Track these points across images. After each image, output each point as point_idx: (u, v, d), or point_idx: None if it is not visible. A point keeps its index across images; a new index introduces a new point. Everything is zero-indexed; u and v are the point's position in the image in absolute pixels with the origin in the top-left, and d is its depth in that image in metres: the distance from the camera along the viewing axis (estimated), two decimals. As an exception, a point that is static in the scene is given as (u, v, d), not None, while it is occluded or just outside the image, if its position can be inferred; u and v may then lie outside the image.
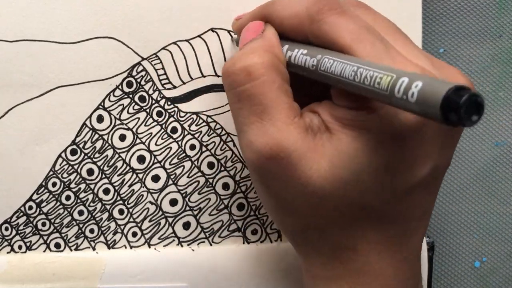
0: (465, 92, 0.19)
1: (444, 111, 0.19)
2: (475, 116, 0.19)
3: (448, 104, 0.19)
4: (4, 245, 0.34)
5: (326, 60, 0.25)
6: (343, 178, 0.25)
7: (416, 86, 0.20)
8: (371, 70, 0.23)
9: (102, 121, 0.33)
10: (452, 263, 0.39)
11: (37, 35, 0.32)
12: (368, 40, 0.25)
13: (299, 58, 0.27)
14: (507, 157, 0.40)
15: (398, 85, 0.21)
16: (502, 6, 0.39)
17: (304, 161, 0.25)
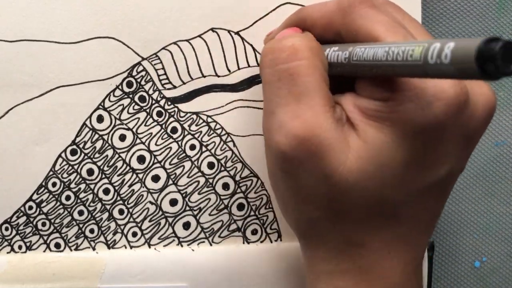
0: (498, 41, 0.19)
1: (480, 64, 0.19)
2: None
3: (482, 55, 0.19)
4: (4, 245, 0.34)
5: (358, 50, 0.25)
6: (367, 171, 0.25)
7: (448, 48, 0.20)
8: (403, 46, 0.22)
9: (102, 121, 0.33)
10: (452, 263, 0.39)
11: (37, 35, 0.32)
12: (400, 32, 0.25)
13: (331, 55, 0.27)
14: (507, 157, 0.40)
15: (430, 52, 0.21)
16: (502, 6, 0.39)
17: (332, 151, 0.25)
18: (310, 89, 0.25)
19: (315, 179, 0.25)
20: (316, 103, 0.25)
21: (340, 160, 0.25)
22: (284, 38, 0.27)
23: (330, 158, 0.25)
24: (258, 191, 0.35)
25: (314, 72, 0.26)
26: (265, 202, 0.35)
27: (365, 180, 0.25)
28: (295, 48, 0.26)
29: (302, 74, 0.26)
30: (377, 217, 0.26)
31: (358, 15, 0.26)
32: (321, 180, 0.25)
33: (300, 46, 0.26)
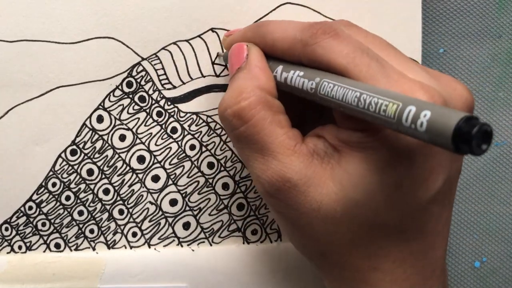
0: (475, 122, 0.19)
1: (455, 142, 0.19)
2: (484, 145, 0.20)
3: (459, 135, 0.19)
4: (4, 245, 0.34)
5: (326, 84, 0.25)
6: (354, 199, 0.25)
7: (424, 116, 0.20)
8: (375, 97, 0.23)
9: (102, 121, 0.33)
10: (452, 263, 0.39)
11: (37, 35, 0.32)
12: (363, 62, 0.25)
13: (295, 80, 0.27)
14: (507, 157, 0.40)
15: (405, 114, 0.21)
16: (502, 6, 0.39)
17: (312, 187, 0.26)
18: (266, 142, 0.26)
19: (306, 216, 0.26)
20: (278, 152, 0.26)
21: (323, 193, 0.26)
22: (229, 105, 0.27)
23: (312, 194, 0.26)
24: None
25: (263, 126, 0.27)
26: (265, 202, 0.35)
27: (354, 208, 0.25)
28: (239, 114, 0.27)
29: (254, 133, 0.27)
30: (382, 240, 0.26)
31: (319, 46, 0.26)
32: (312, 215, 0.26)
33: (243, 111, 0.27)
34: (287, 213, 0.27)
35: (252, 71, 0.28)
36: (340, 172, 0.25)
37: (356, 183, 0.25)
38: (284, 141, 0.26)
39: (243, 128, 0.27)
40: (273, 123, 0.27)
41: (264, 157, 0.27)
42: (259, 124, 0.27)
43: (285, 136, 0.27)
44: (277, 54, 0.28)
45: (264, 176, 0.26)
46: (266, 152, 0.26)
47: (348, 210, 0.25)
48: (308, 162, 0.26)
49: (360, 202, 0.25)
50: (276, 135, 0.26)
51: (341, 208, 0.25)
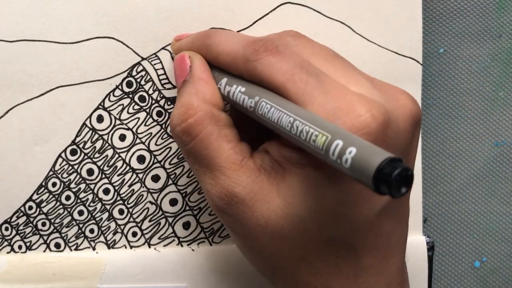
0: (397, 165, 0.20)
1: (375, 182, 0.20)
2: (404, 188, 0.20)
3: (380, 177, 0.20)
4: (4, 245, 0.34)
5: (264, 104, 0.25)
6: (299, 215, 0.25)
7: (350, 153, 0.21)
8: (307, 126, 0.23)
9: (102, 121, 0.33)
10: (452, 263, 0.39)
11: (37, 35, 0.32)
12: (301, 79, 0.25)
13: (237, 96, 0.27)
14: (507, 157, 0.40)
15: (332, 148, 0.21)
16: (502, 6, 0.39)
17: (259, 202, 0.26)
18: (213, 157, 0.27)
19: (254, 231, 0.26)
20: (225, 167, 0.26)
21: (270, 209, 0.26)
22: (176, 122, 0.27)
23: (259, 210, 0.26)
24: (258, 191, 0.35)
25: (209, 142, 0.27)
26: (265, 202, 0.35)
27: (300, 224, 0.25)
28: (186, 131, 0.27)
29: (201, 149, 0.27)
30: (332, 256, 0.26)
31: (259, 63, 0.26)
32: (260, 231, 0.26)
33: (189, 127, 0.27)
34: (236, 228, 0.27)
35: (196, 85, 0.28)
36: (285, 188, 0.25)
37: (299, 200, 0.25)
38: (230, 156, 0.27)
39: (192, 144, 0.27)
40: (220, 138, 0.27)
41: (212, 172, 0.27)
42: (206, 140, 0.27)
43: (231, 151, 0.27)
44: (221, 67, 0.28)
45: (213, 191, 0.27)
46: (213, 167, 0.27)
47: (295, 226, 0.25)
48: (255, 177, 0.26)
49: (305, 219, 0.25)
50: (222, 150, 0.27)
51: (288, 224, 0.25)
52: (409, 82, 0.35)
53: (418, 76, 0.35)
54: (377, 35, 0.35)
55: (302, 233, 0.25)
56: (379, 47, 0.35)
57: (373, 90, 0.25)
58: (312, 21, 0.34)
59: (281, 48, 0.26)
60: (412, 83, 0.35)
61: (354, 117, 0.23)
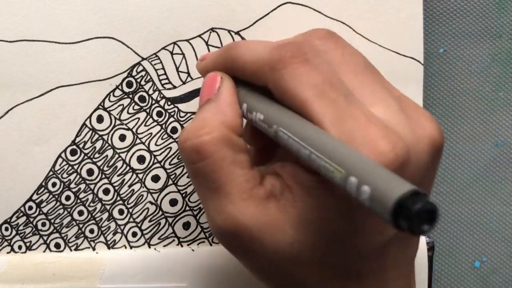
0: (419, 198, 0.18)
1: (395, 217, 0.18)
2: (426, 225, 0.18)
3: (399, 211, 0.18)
4: (4, 245, 0.34)
5: (281, 134, 0.24)
6: (309, 243, 0.24)
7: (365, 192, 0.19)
8: (323, 160, 0.22)
9: (102, 121, 0.33)
10: (452, 263, 0.39)
11: (37, 35, 0.32)
12: (329, 97, 0.23)
13: (258, 123, 0.26)
14: (507, 157, 0.40)
15: (349, 184, 0.20)
16: (502, 6, 0.39)
17: (268, 233, 0.25)
18: (222, 183, 0.25)
19: (262, 260, 0.25)
20: (233, 194, 0.25)
21: (279, 239, 0.25)
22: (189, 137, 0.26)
23: (267, 239, 0.25)
24: (258, 191, 0.35)
25: (222, 166, 0.25)
26: (265, 202, 0.35)
27: (309, 251, 0.25)
28: (198, 149, 0.25)
29: (211, 171, 0.25)
30: (336, 280, 0.26)
31: (286, 72, 0.24)
32: (268, 259, 0.25)
33: (203, 145, 0.25)
34: (243, 257, 0.26)
35: (221, 105, 0.27)
36: (295, 215, 0.24)
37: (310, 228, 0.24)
38: (241, 183, 0.25)
39: (201, 164, 0.25)
40: (233, 163, 0.25)
41: (220, 199, 0.25)
42: (218, 163, 0.25)
43: (243, 178, 0.25)
44: (247, 78, 0.27)
45: (219, 219, 0.25)
46: (221, 193, 0.25)
47: (303, 253, 0.25)
48: (263, 206, 0.25)
49: (315, 246, 0.24)
50: (234, 176, 0.25)
51: (297, 251, 0.25)
52: (410, 82, 0.35)
53: (420, 76, 0.35)
54: (378, 35, 0.35)
55: (309, 259, 0.25)
56: (380, 47, 0.35)
57: (400, 115, 0.24)
58: (313, 21, 0.34)
59: (309, 56, 0.24)
60: (413, 83, 0.35)
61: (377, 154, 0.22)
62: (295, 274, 0.26)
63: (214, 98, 0.27)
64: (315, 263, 0.25)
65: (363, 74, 0.25)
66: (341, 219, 0.24)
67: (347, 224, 0.24)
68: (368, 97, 0.24)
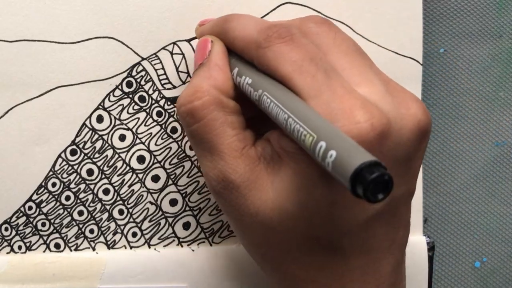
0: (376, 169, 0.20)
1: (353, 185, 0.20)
2: (381, 194, 0.20)
3: (356, 179, 0.20)
4: (4, 245, 0.34)
5: (265, 98, 0.25)
6: (289, 211, 0.25)
7: (331, 156, 0.21)
8: (298, 124, 0.23)
9: (102, 121, 0.33)
10: (452, 263, 0.39)
11: (37, 35, 0.32)
12: (308, 72, 0.24)
13: (245, 88, 0.27)
14: (507, 157, 0.39)
15: (317, 149, 0.22)
16: (502, 6, 0.39)
17: (253, 191, 0.26)
18: (215, 142, 0.27)
19: (246, 218, 0.26)
20: (225, 153, 0.27)
21: (262, 199, 0.26)
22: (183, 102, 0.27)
23: (252, 199, 0.26)
24: (258, 191, 0.35)
25: (214, 127, 0.27)
26: (265, 202, 0.35)
27: (289, 219, 0.25)
28: (192, 113, 0.27)
29: (205, 132, 0.27)
30: (319, 253, 0.26)
31: (270, 50, 0.26)
32: (251, 219, 0.26)
33: (196, 109, 0.27)
34: (230, 212, 0.27)
35: (211, 69, 0.28)
36: (279, 181, 0.25)
37: (290, 195, 0.25)
38: (232, 143, 0.27)
39: (195, 126, 0.27)
40: (224, 124, 0.27)
41: (213, 156, 0.27)
42: (210, 124, 0.27)
43: (234, 138, 0.27)
44: (236, 52, 0.28)
45: (211, 174, 0.27)
46: (214, 151, 0.27)
47: (283, 220, 0.25)
48: (253, 166, 0.26)
49: (294, 214, 0.25)
50: (226, 136, 0.27)
51: (276, 217, 0.25)
52: (409, 82, 0.35)
53: (418, 76, 0.35)
54: (377, 35, 0.35)
55: (289, 228, 0.25)
56: (380, 47, 0.35)
57: (384, 94, 0.25)
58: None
59: (296, 36, 0.26)
60: (412, 83, 0.35)
61: (353, 123, 0.23)
62: (276, 243, 0.26)
63: (205, 62, 0.29)
64: (297, 233, 0.26)
65: (352, 56, 0.26)
66: (321, 187, 0.24)
67: (327, 193, 0.24)
68: (355, 77, 0.25)
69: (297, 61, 0.25)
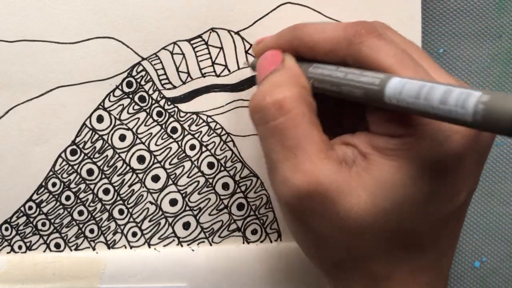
0: None
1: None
2: None
3: None
4: (4, 245, 0.34)
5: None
6: (384, 208, 0.25)
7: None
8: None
9: (102, 121, 0.33)
10: (452, 263, 0.39)
11: (37, 35, 0.32)
12: (410, 65, 0.24)
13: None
14: (507, 157, 0.40)
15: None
16: (502, 6, 0.39)
17: (342, 195, 0.24)
18: (302, 139, 0.25)
19: (331, 225, 0.25)
20: (312, 153, 0.25)
21: (353, 202, 0.24)
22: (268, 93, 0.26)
23: (342, 202, 0.24)
24: (258, 191, 0.35)
25: (302, 122, 0.25)
26: (265, 202, 0.35)
27: (383, 217, 0.25)
28: (280, 104, 0.25)
29: (292, 126, 0.25)
30: (400, 250, 0.26)
31: (365, 45, 0.25)
32: (338, 225, 0.25)
33: (284, 100, 0.25)
34: (310, 221, 0.26)
35: (290, 71, 0.27)
36: (370, 181, 0.25)
37: (387, 192, 0.24)
38: (319, 143, 0.25)
39: (282, 119, 0.25)
40: (311, 122, 0.25)
41: (297, 157, 0.25)
42: (298, 118, 0.25)
43: (319, 138, 0.25)
44: (317, 56, 0.27)
45: (295, 178, 0.25)
46: (300, 151, 0.25)
47: (376, 220, 0.25)
48: (338, 168, 0.25)
49: (388, 212, 0.25)
50: (312, 134, 0.25)
51: (370, 217, 0.25)
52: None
53: (418, 76, 0.35)
54: (377, 35, 0.35)
55: (381, 226, 0.25)
56: (379, 47, 0.35)
57: None
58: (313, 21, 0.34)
59: (383, 31, 0.26)
60: (412, 83, 0.35)
61: None
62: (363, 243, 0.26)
63: (281, 67, 0.27)
64: (387, 230, 0.25)
65: (424, 57, 0.26)
66: (418, 184, 0.24)
67: (424, 189, 0.24)
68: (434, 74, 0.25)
69: (396, 54, 0.25)
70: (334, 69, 0.26)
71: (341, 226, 0.25)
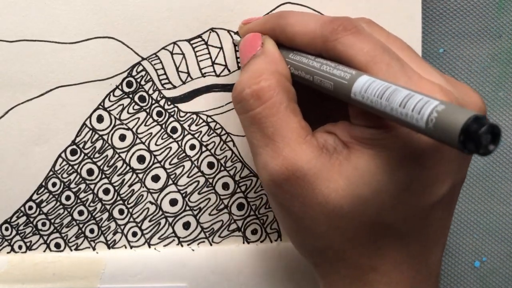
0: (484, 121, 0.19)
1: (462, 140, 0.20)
2: (492, 145, 0.20)
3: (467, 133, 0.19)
4: (4, 245, 0.34)
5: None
6: (361, 196, 0.25)
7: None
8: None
9: (102, 121, 0.33)
10: (452, 263, 0.39)
11: (37, 35, 0.32)
12: (383, 61, 0.25)
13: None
14: (507, 157, 0.40)
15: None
16: (502, 6, 0.39)
17: (320, 179, 0.25)
18: (280, 127, 0.26)
19: (311, 209, 0.26)
20: (290, 138, 0.26)
21: (330, 188, 0.25)
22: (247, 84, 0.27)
23: (320, 187, 0.25)
24: (258, 191, 0.35)
25: (279, 109, 0.26)
26: (265, 201, 0.35)
27: (361, 205, 0.25)
28: (258, 94, 0.26)
29: (270, 115, 0.26)
30: (383, 240, 0.26)
31: (339, 42, 0.26)
32: (317, 210, 0.26)
33: (262, 90, 0.26)
34: (290, 206, 0.26)
35: (269, 57, 0.28)
36: (349, 168, 0.25)
37: (364, 180, 0.25)
38: (297, 128, 0.26)
39: (260, 109, 0.26)
40: (289, 109, 0.26)
41: (276, 144, 0.26)
42: (276, 107, 0.26)
43: (298, 124, 0.26)
44: (296, 47, 0.28)
45: (274, 163, 0.26)
46: (278, 137, 0.26)
47: (355, 207, 0.25)
48: (318, 154, 0.26)
49: (366, 200, 0.25)
50: (290, 121, 0.26)
51: (348, 204, 0.25)
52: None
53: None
54: (377, 35, 0.35)
55: (360, 214, 0.25)
56: (379, 47, 0.35)
57: (447, 84, 0.25)
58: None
59: (361, 28, 0.26)
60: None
61: None
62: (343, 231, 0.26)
63: (260, 53, 0.28)
64: (366, 220, 0.25)
65: (408, 51, 0.27)
66: (397, 173, 0.25)
67: (402, 178, 0.25)
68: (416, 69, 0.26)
69: (369, 51, 0.25)
70: (312, 58, 0.27)
71: (321, 211, 0.25)
